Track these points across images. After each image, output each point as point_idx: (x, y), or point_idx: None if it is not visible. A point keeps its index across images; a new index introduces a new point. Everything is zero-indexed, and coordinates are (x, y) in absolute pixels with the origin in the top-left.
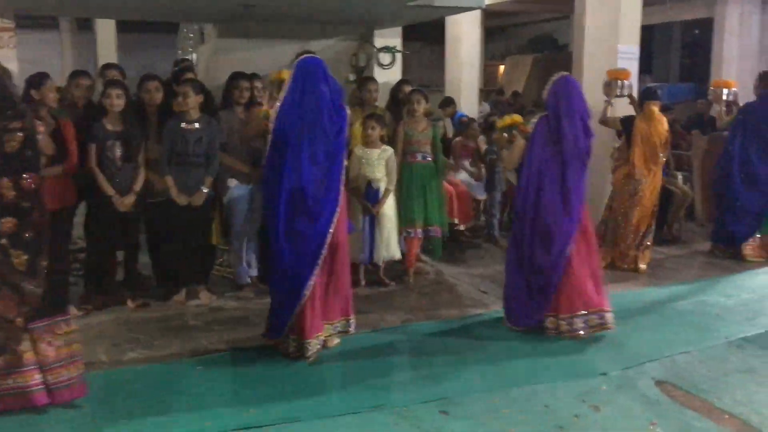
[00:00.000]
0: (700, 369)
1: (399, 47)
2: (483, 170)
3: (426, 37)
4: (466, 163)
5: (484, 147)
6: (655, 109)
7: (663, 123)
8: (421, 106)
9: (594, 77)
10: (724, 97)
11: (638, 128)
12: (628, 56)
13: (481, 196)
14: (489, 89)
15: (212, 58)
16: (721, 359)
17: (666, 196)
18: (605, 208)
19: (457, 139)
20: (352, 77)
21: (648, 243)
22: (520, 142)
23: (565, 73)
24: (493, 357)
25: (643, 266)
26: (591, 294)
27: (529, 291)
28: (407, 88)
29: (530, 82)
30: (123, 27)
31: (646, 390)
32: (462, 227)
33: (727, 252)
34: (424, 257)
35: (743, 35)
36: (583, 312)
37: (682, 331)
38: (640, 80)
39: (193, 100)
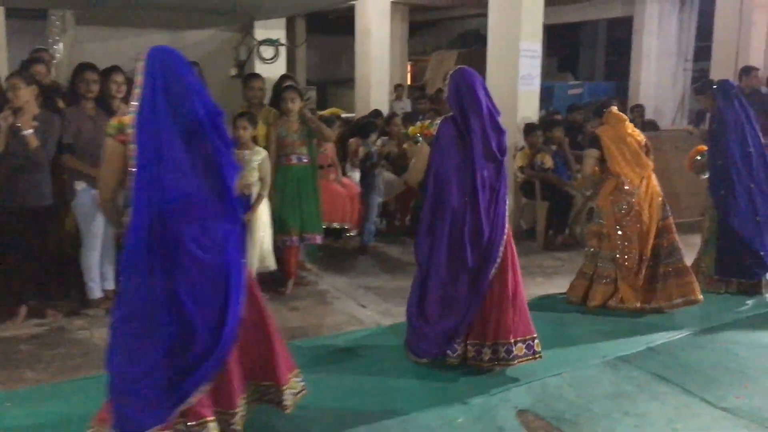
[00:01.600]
0: (569, 394)
1: (283, 39)
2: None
3: (339, 30)
4: None
5: (361, 149)
6: (614, 109)
7: (630, 125)
8: (296, 105)
9: (498, 74)
10: None
11: (607, 136)
12: (530, 54)
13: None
14: (415, 85)
15: (72, 48)
16: (592, 382)
17: (566, 198)
18: (590, 237)
19: (352, 139)
20: (233, 72)
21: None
22: (424, 150)
23: (462, 66)
24: (344, 383)
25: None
26: (515, 319)
27: (441, 315)
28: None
29: None
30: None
31: (504, 421)
32: (355, 232)
33: (746, 284)
34: (309, 266)
35: (662, 34)
36: (507, 340)
37: (559, 350)
38: (562, 78)
39: (24, 93)
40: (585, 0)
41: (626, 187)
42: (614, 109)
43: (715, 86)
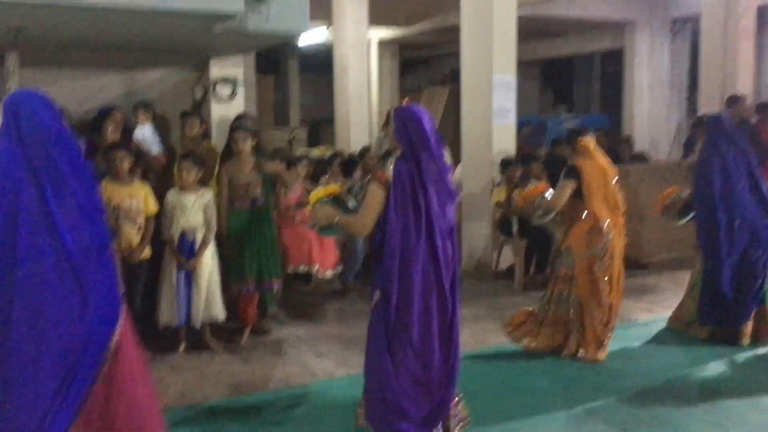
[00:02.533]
0: None
1: (240, 77)
2: None
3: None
4: None
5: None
6: (586, 140)
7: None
8: (246, 145)
9: (473, 108)
10: None
11: (587, 170)
12: (504, 86)
13: None
14: None
15: None
16: None
17: (546, 236)
18: (553, 283)
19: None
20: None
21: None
22: (377, 197)
23: (408, 103)
24: None
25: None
26: None
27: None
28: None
29: (447, 114)
30: None
31: None
32: (326, 274)
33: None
34: (272, 312)
35: (653, 65)
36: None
37: (525, 401)
38: (557, 110)
39: None
40: (575, 33)
41: (603, 228)
42: (586, 139)
43: (706, 122)
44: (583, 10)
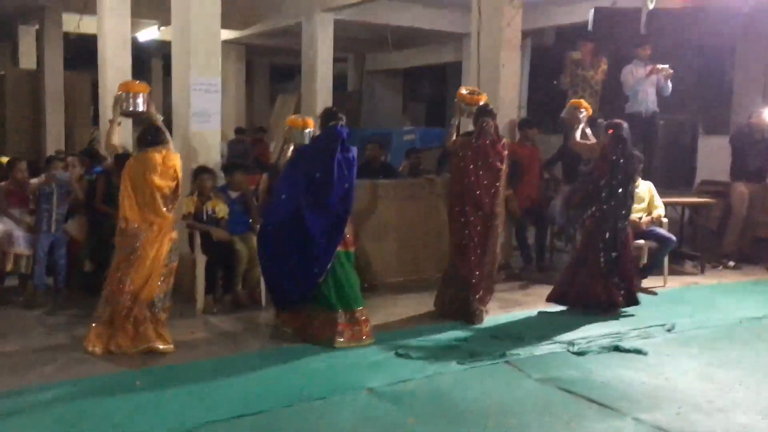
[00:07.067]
0: None
1: None
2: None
3: None
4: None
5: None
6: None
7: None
8: None
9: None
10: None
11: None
12: (204, 88)
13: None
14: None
15: None
16: None
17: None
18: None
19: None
20: None
21: None
22: None
23: None
24: None
25: None
26: None
27: None
28: None
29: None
30: None
31: None
32: None
33: None
34: None
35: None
36: None
37: None
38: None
39: None
40: (417, 46)
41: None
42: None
43: None
44: (422, 22)
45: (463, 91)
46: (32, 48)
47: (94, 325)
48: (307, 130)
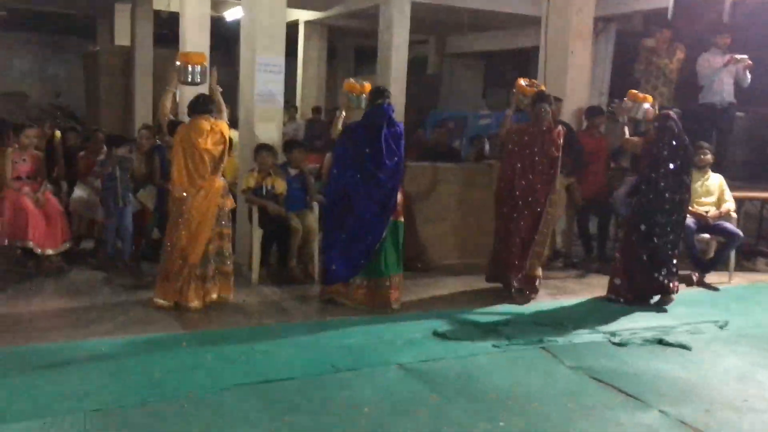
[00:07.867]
0: None
1: None
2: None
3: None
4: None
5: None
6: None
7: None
8: None
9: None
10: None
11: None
12: (269, 68)
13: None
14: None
15: None
16: None
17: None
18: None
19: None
20: None
21: None
22: None
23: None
24: None
25: None
26: None
27: None
28: None
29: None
30: None
31: None
32: (49, 251)
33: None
34: None
35: None
36: None
37: None
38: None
39: None
40: (496, 29)
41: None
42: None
43: None
44: (499, 5)
45: (522, 82)
46: (126, 25)
47: (158, 282)
48: (364, 96)
